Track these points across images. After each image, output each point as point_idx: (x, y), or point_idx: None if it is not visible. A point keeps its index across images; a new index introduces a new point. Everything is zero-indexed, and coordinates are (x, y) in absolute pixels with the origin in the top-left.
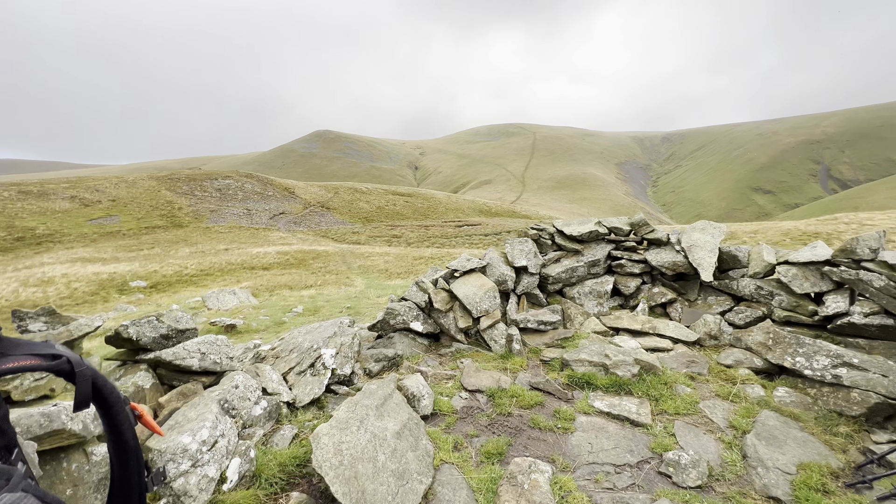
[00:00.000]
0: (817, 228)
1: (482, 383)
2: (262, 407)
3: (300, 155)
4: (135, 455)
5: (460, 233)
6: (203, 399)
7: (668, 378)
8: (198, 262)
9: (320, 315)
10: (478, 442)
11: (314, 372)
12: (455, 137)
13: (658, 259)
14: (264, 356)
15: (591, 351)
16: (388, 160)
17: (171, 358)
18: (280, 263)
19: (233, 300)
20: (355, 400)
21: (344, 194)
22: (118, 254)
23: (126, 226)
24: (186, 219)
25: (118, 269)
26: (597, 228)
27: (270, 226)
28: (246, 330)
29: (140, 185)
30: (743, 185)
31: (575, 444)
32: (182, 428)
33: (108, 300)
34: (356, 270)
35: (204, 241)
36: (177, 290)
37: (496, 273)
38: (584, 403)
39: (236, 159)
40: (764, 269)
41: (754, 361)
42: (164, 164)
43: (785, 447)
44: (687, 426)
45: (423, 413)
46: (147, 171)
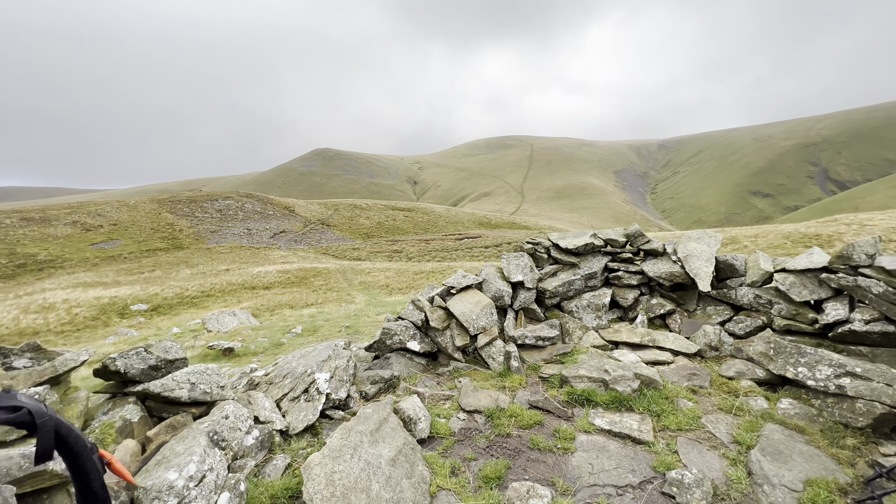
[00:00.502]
0: (818, 230)
1: (480, 403)
2: (253, 436)
3: (300, 173)
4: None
5: (461, 246)
6: (192, 431)
7: (670, 392)
8: (199, 283)
9: (319, 335)
10: (476, 466)
11: (308, 398)
12: (453, 151)
13: (655, 270)
14: (258, 382)
15: (590, 366)
16: (387, 176)
17: (160, 390)
18: (281, 282)
19: (233, 321)
20: (349, 426)
21: (344, 211)
22: (119, 277)
23: (127, 249)
24: (187, 240)
25: (119, 292)
26: (592, 241)
27: (271, 245)
28: (244, 353)
29: (141, 209)
30: (741, 189)
31: (575, 465)
32: (169, 463)
33: (109, 324)
34: (357, 287)
35: (205, 262)
36: (178, 312)
37: (493, 289)
38: (584, 421)
39: (236, 179)
40: (761, 277)
41: (756, 372)
42: (164, 186)
43: (791, 462)
44: (690, 442)
45: (419, 437)
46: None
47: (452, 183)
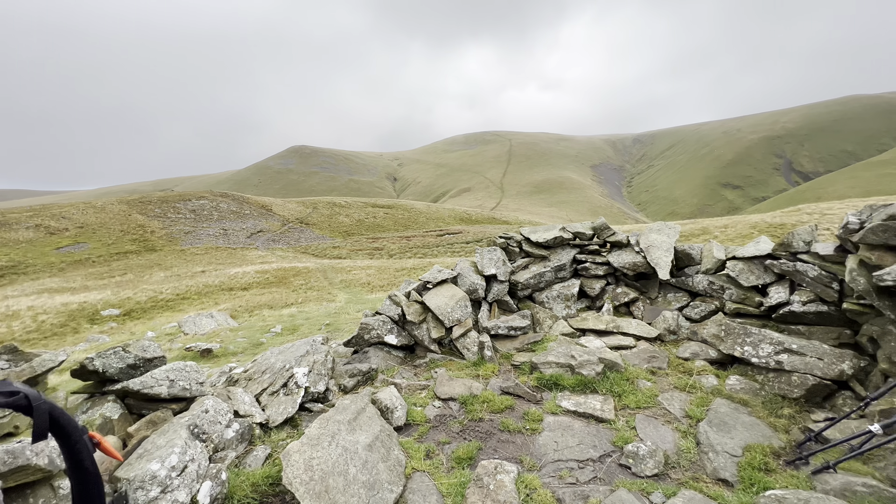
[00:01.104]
0: (783, 220)
1: (455, 391)
2: (233, 430)
3: (276, 171)
4: (95, 481)
5: (442, 242)
6: (172, 426)
7: (631, 374)
8: (173, 286)
9: (299, 334)
10: (449, 448)
11: (287, 391)
12: (432, 147)
13: (620, 261)
14: (237, 379)
15: (558, 353)
16: (366, 173)
17: (139, 387)
18: (259, 283)
19: (210, 323)
20: (327, 416)
21: (323, 209)
22: (88, 282)
23: (96, 252)
24: (160, 242)
25: (89, 297)
26: (561, 234)
27: (248, 245)
28: (223, 353)
29: (109, 210)
30: (712, 181)
31: (542, 444)
32: (151, 455)
33: (79, 331)
34: (338, 285)
35: (179, 264)
36: (152, 316)
37: (467, 283)
38: (552, 404)
39: (210, 179)
40: (715, 265)
41: (709, 353)
42: (134, 187)
43: (734, 431)
44: (647, 419)
45: (396, 424)
46: (116, 196)
47: (433, 179)
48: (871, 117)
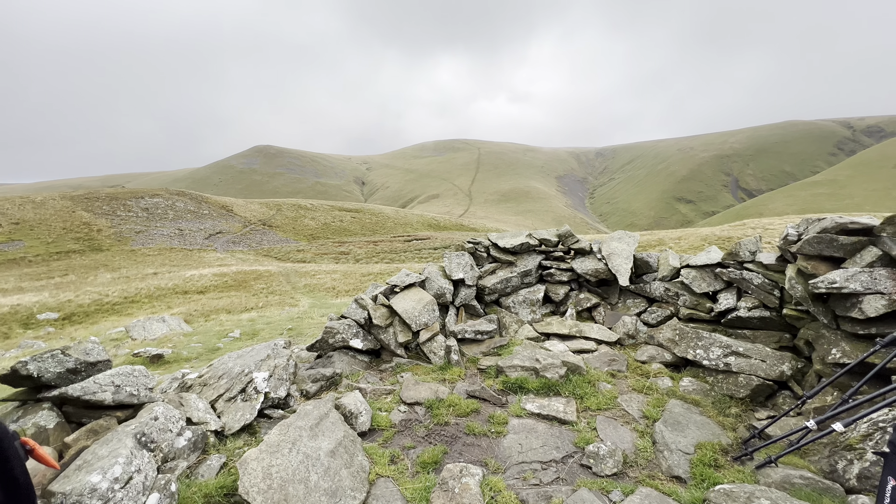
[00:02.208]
0: (730, 233)
1: (421, 395)
2: (185, 438)
3: (239, 171)
4: (26, 493)
5: (409, 247)
6: (116, 434)
7: (592, 377)
8: (121, 288)
9: (259, 339)
10: (414, 453)
11: (245, 397)
12: (402, 153)
13: (583, 267)
14: (191, 385)
15: (523, 356)
16: (333, 176)
17: (80, 393)
18: (217, 286)
19: (162, 328)
20: (288, 422)
21: (287, 211)
22: (23, 283)
23: (32, 251)
24: (107, 241)
25: (23, 300)
26: (528, 240)
27: (206, 246)
28: (175, 359)
29: (50, 206)
30: (668, 195)
31: (507, 446)
32: (91, 466)
33: (11, 336)
34: (301, 290)
35: (128, 265)
36: (95, 320)
37: (435, 287)
38: (517, 407)
39: (166, 176)
40: (670, 272)
41: (665, 356)
42: (79, 182)
43: (687, 430)
44: (607, 420)
45: (360, 430)
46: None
47: (401, 184)
48: (807, 141)
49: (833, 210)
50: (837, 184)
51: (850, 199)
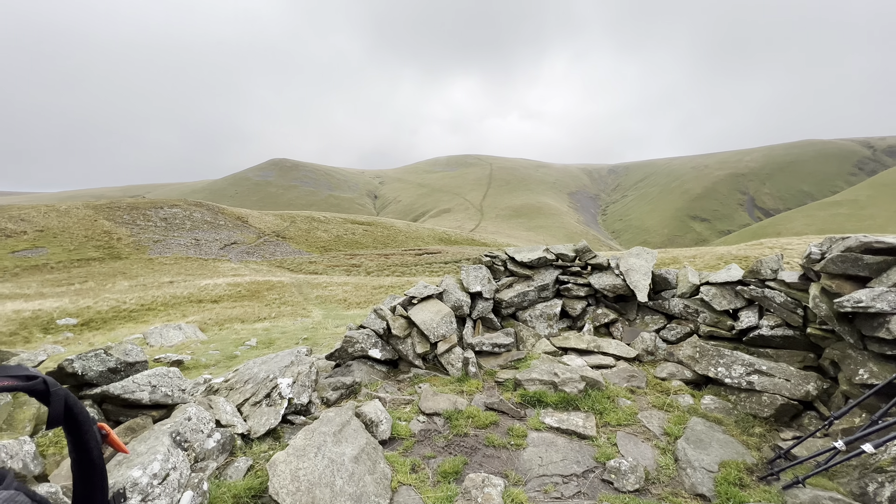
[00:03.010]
0: (747, 252)
1: (439, 406)
2: (215, 439)
3: (255, 183)
4: (100, 474)
5: (420, 261)
6: (154, 432)
7: (611, 392)
8: (138, 295)
9: (275, 347)
10: (435, 463)
11: (270, 402)
12: (414, 167)
13: (600, 282)
14: (217, 388)
15: (541, 370)
16: (347, 189)
17: (120, 392)
18: (231, 296)
19: (178, 336)
20: (312, 427)
21: (301, 223)
22: (44, 289)
23: (55, 258)
24: (126, 250)
25: (44, 305)
26: (545, 255)
27: (221, 256)
28: (194, 365)
29: (74, 214)
30: (682, 213)
31: (527, 459)
32: (131, 462)
33: (31, 340)
34: (313, 301)
35: (146, 273)
36: (113, 327)
37: (452, 299)
38: (535, 420)
39: (185, 187)
40: (689, 289)
41: (685, 373)
42: (102, 191)
43: (709, 448)
44: (627, 436)
45: (381, 438)
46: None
47: (413, 198)
48: (825, 161)
49: (854, 231)
50: (858, 204)
51: (872, 220)
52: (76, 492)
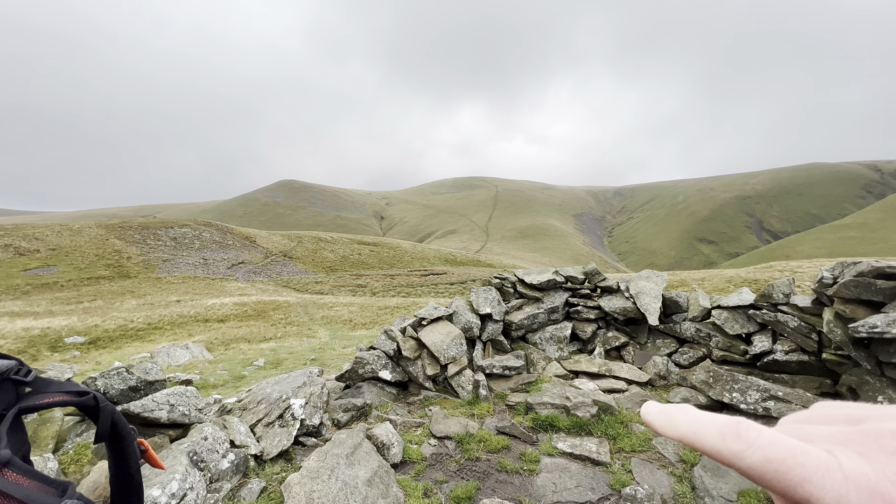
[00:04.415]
0: (756, 276)
1: (450, 430)
2: (229, 460)
3: (263, 204)
4: (138, 489)
5: (426, 282)
6: (171, 452)
7: (624, 417)
8: (145, 314)
9: (283, 368)
10: (447, 487)
11: (283, 423)
12: (420, 189)
13: (610, 305)
14: (231, 408)
15: (553, 394)
16: (353, 210)
17: (140, 410)
18: (237, 315)
19: (185, 355)
20: (325, 450)
21: (308, 243)
22: (54, 307)
23: (65, 276)
24: (135, 269)
25: (52, 323)
26: (554, 277)
27: (228, 276)
28: (202, 385)
29: (86, 234)
30: (689, 235)
31: (540, 485)
32: (150, 481)
33: (38, 358)
34: (319, 321)
35: (154, 292)
36: (120, 345)
37: (462, 321)
38: (548, 445)
39: (195, 207)
40: (701, 313)
41: (699, 398)
42: (115, 211)
43: (727, 476)
44: (642, 462)
45: (392, 461)
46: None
47: (419, 220)
48: (833, 184)
49: (864, 254)
50: (868, 227)
51: (883, 242)
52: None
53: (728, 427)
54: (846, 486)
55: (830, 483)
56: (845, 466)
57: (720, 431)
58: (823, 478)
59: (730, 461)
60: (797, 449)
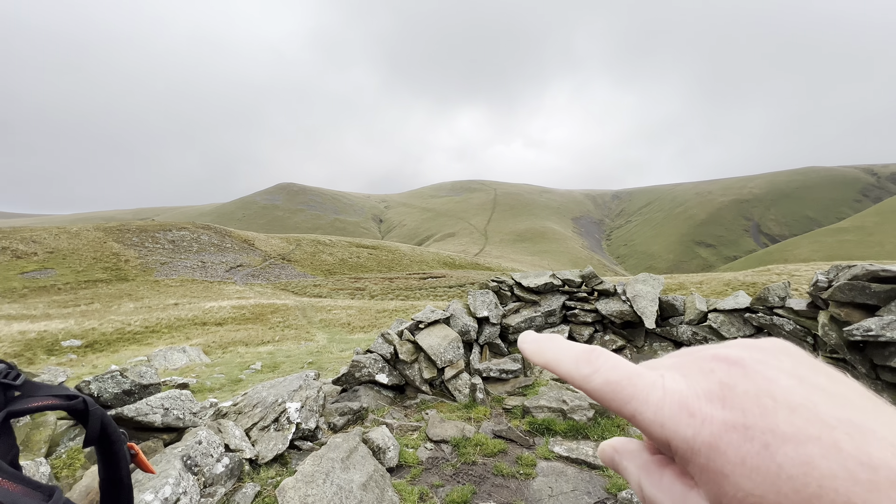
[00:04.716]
0: (754, 279)
1: (447, 433)
2: (223, 464)
3: (262, 207)
4: (128, 493)
5: (424, 285)
6: (165, 456)
7: (621, 421)
8: (143, 317)
9: (280, 371)
10: (443, 492)
11: (278, 427)
12: (419, 192)
13: (607, 308)
14: (226, 412)
15: (550, 397)
16: (352, 213)
17: (134, 414)
18: (235, 318)
19: (182, 359)
20: (321, 454)
21: (306, 246)
22: (51, 310)
23: (63, 279)
24: (133, 272)
25: (49, 326)
26: (551, 280)
27: (226, 279)
28: (199, 389)
29: (84, 237)
30: (687, 239)
31: (536, 489)
32: (143, 486)
33: (35, 362)
34: (317, 325)
35: (151, 295)
36: (117, 348)
37: (459, 324)
38: (544, 449)
39: (194, 210)
40: (697, 316)
41: None
42: (112, 214)
43: None
44: None
45: (388, 465)
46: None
47: (418, 223)
48: (830, 187)
49: (862, 257)
50: (865, 230)
51: (880, 246)
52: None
53: (583, 354)
54: (663, 401)
55: (651, 399)
56: (666, 385)
57: (576, 358)
58: (647, 395)
59: (580, 384)
60: (633, 372)
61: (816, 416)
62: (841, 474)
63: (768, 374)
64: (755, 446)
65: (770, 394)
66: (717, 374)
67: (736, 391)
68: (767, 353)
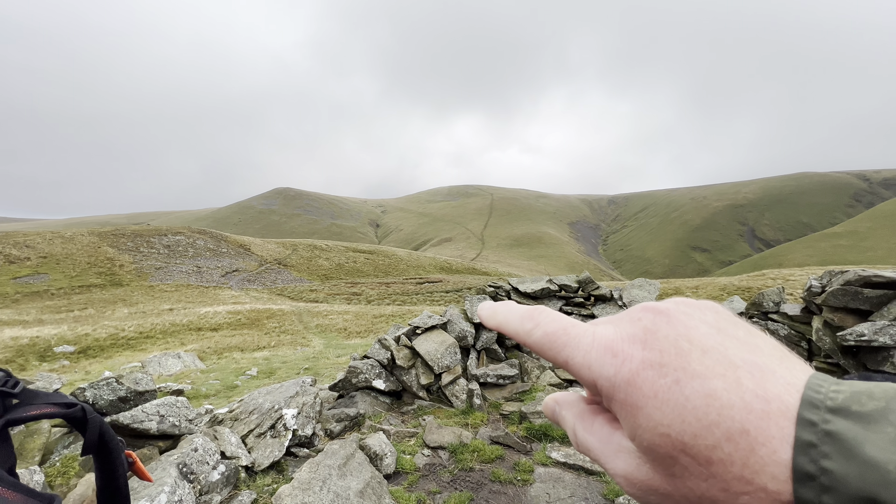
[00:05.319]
0: (749, 283)
1: (444, 439)
2: (219, 472)
3: (258, 211)
4: (124, 502)
5: (421, 290)
6: (161, 463)
7: None
8: (137, 323)
9: (276, 377)
10: (440, 498)
11: (275, 433)
12: (416, 197)
13: (604, 314)
14: (222, 419)
15: None
16: (349, 218)
17: (129, 421)
18: (231, 324)
19: (177, 364)
20: (317, 461)
21: (303, 251)
22: (43, 315)
23: (56, 284)
24: (128, 277)
25: (42, 332)
26: (548, 286)
27: (222, 284)
28: (194, 395)
29: (78, 241)
30: (682, 244)
31: (534, 495)
32: (138, 494)
33: (27, 368)
34: (313, 330)
35: (146, 300)
36: (110, 354)
37: (457, 329)
38: (541, 455)
39: (190, 215)
40: None
41: None
42: (108, 218)
43: None
44: None
45: (385, 472)
46: (88, 226)
47: (415, 227)
48: (823, 193)
49: (855, 262)
50: (858, 235)
51: (873, 251)
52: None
53: (527, 312)
54: (591, 345)
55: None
56: (597, 332)
57: (521, 316)
58: (578, 341)
59: (524, 339)
60: (568, 323)
61: (725, 358)
62: (738, 404)
63: (689, 322)
64: (667, 381)
65: (687, 338)
66: (644, 321)
67: (657, 335)
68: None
